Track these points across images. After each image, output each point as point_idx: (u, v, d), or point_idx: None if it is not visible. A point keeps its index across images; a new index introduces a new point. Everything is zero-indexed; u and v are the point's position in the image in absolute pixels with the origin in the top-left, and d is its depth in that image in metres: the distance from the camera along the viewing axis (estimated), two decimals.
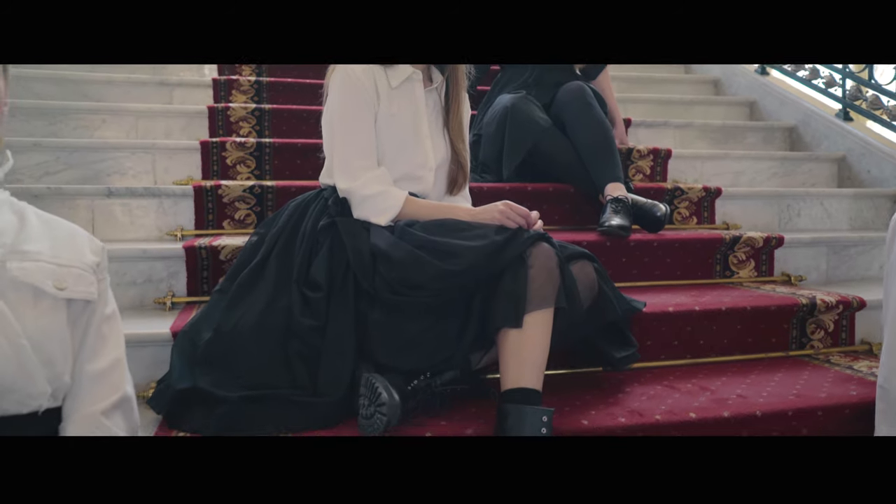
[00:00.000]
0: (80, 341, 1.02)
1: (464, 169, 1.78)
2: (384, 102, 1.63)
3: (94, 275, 1.05)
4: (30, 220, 1.04)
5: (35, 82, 2.79)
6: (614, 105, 2.82)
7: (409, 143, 1.66)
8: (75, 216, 2.08)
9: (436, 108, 1.75)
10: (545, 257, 1.45)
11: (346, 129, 1.60)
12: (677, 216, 2.54)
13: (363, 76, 1.61)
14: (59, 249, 1.02)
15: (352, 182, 1.57)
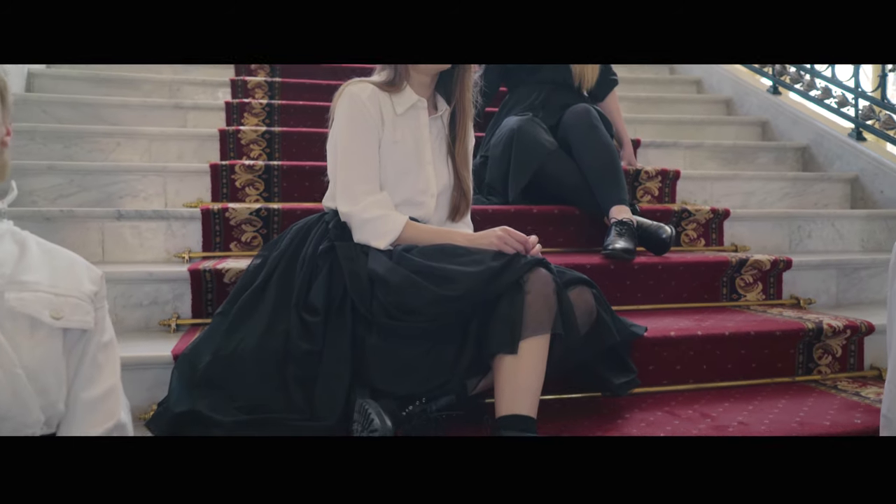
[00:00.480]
0: (75, 369, 1.04)
1: (466, 197, 1.79)
2: (388, 129, 1.66)
3: (91, 304, 1.07)
4: (30, 249, 1.06)
5: (53, 106, 2.86)
6: (622, 126, 2.82)
7: (411, 169, 1.68)
8: (86, 238, 2.13)
9: (439, 135, 1.77)
10: (542, 283, 1.45)
11: (350, 153, 1.62)
12: (685, 238, 2.53)
13: (368, 102, 1.64)
14: (58, 279, 1.04)
15: (353, 206, 1.59)
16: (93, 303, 1.08)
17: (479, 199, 2.45)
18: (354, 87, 1.66)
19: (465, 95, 1.77)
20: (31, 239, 1.08)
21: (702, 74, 4.05)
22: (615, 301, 2.11)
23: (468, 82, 1.78)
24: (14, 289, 0.99)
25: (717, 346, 1.86)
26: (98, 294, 1.10)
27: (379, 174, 1.64)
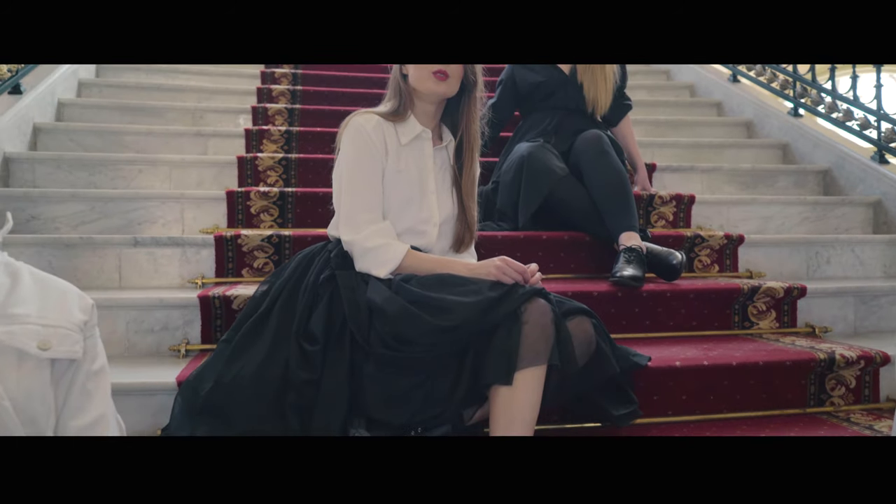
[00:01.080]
0: (64, 398, 1.07)
1: (470, 228, 1.80)
2: (392, 158, 1.68)
3: (80, 333, 1.10)
4: (23, 280, 1.09)
5: (80, 134, 2.95)
6: (636, 151, 2.82)
7: (414, 199, 1.70)
8: (104, 264, 2.18)
9: (444, 165, 1.79)
10: (539, 313, 1.46)
11: (354, 183, 1.65)
12: (698, 264, 2.51)
13: (373, 133, 1.67)
14: (48, 309, 1.08)
15: (355, 234, 1.61)
16: (82, 331, 1.10)
17: (490, 225, 2.46)
18: (359, 117, 1.69)
19: (472, 126, 1.79)
20: (25, 269, 1.11)
21: (722, 97, 4.03)
22: (623, 329, 2.11)
23: (474, 113, 1.80)
24: (3, 322, 1.02)
25: (725, 377, 1.83)
26: (88, 323, 1.12)
27: (382, 203, 1.67)
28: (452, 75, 1.71)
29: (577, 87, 2.62)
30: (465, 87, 1.76)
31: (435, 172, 1.76)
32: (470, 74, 1.75)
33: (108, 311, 1.92)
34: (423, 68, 1.69)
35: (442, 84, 1.70)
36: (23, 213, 2.39)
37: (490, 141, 2.77)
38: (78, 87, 3.39)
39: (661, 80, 4.49)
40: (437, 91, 1.71)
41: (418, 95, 1.74)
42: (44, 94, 3.01)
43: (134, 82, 3.56)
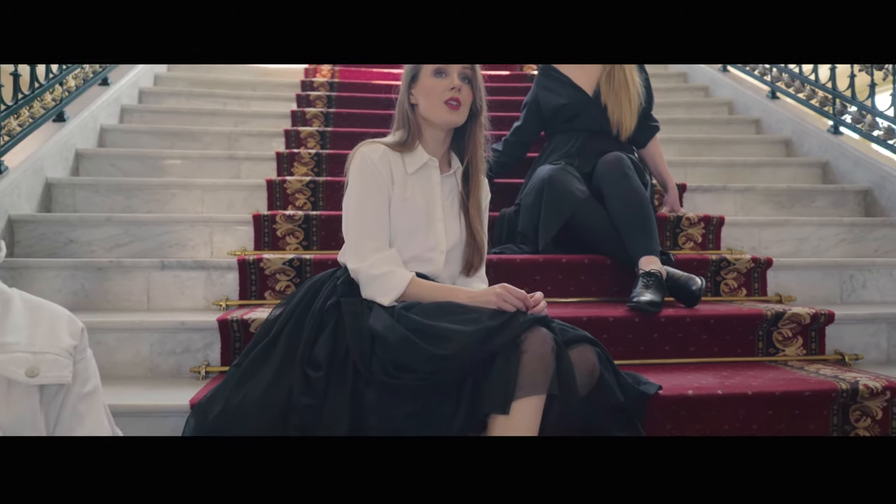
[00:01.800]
0: (55, 420, 1.11)
1: (480, 251, 1.82)
2: (398, 187, 1.71)
3: (69, 357, 1.14)
4: (15, 308, 1.13)
5: (120, 160, 3.07)
6: (666, 171, 2.79)
7: (420, 227, 1.72)
8: (133, 287, 2.26)
9: (452, 192, 1.81)
10: (539, 343, 1.46)
11: (360, 212, 1.68)
12: (725, 288, 2.46)
13: (379, 163, 1.70)
14: (37, 336, 1.12)
15: (361, 262, 1.64)
16: (72, 356, 1.15)
17: (511, 248, 2.47)
18: (365, 147, 1.73)
19: (477, 151, 1.81)
20: (18, 297, 1.16)
21: (760, 114, 3.95)
22: (641, 355, 2.08)
23: (480, 138, 1.82)
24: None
25: (741, 406, 1.79)
26: (78, 347, 1.17)
27: (389, 232, 1.69)
28: (464, 102, 1.73)
29: (600, 109, 2.61)
30: (472, 114, 1.78)
31: (443, 200, 1.78)
32: (477, 101, 1.77)
33: (132, 333, 1.99)
34: (436, 98, 1.72)
35: (455, 113, 1.72)
36: (61, 236, 2.50)
37: (515, 162, 2.79)
38: (120, 114, 3.53)
39: (699, 97, 4.43)
40: (450, 120, 1.73)
41: (429, 124, 1.76)
42: (86, 121, 3.14)
43: (174, 107, 3.70)
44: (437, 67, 1.73)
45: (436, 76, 1.73)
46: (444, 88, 1.71)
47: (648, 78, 2.75)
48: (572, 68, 2.70)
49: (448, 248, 1.76)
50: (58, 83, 2.98)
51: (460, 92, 1.72)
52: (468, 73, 1.75)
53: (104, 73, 3.47)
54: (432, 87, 1.73)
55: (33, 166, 2.67)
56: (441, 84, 1.72)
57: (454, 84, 1.71)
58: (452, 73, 1.73)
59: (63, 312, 1.20)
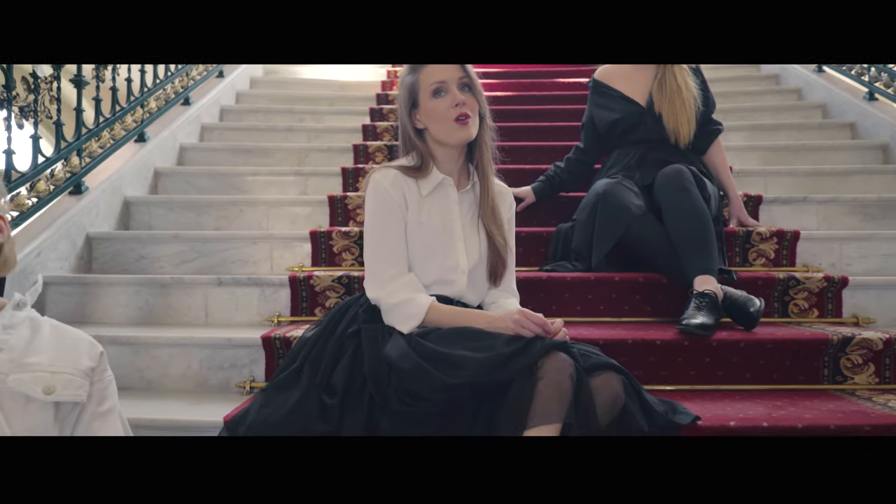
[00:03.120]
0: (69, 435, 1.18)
1: (502, 256, 1.75)
2: (413, 211, 1.69)
3: (86, 378, 1.22)
4: (42, 332, 1.23)
5: (195, 177, 3.22)
6: (728, 180, 2.64)
7: (438, 249, 1.70)
8: (192, 303, 2.36)
9: (472, 206, 1.77)
10: (556, 370, 1.41)
11: (376, 239, 1.68)
12: (794, 308, 2.30)
13: (391, 189, 1.68)
14: (58, 357, 1.21)
15: (380, 291, 1.63)
16: (89, 377, 1.23)
17: (564, 265, 2.41)
18: (377, 174, 1.71)
19: (484, 155, 1.76)
20: (47, 323, 1.26)
21: (856, 118, 3.68)
22: (692, 380, 1.98)
23: (485, 141, 1.76)
24: (17, 371, 1.16)
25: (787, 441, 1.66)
26: (96, 369, 1.24)
27: (406, 257, 1.68)
28: (472, 112, 1.68)
29: (655, 118, 2.51)
30: (481, 118, 1.74)
31: (462, 217, 1.74)
32: (481, 106, 1.72)
33: (183, 348, 2.07)
34: (443, 118, 1.67)
35: (467, 128, 1.68)
36: (133, 252, 2.64)
37: (576, 180, 2.72)
38: (201, 132, 3.71)
39: (790, 100, 4.18)
40: (464, 136, 1.69)
41: (441, 145, 1.73)
42: (165, 140, 3.31)
43: (252, 125, 3.84)
44: (434, 87, 1.68)
45: (435, 97, 1.68)
46: (448, 107, 1.67)
47: (706, 80, 2.62)
48: (622, 81, 2.62)
49: (471, 267, 1.72)
50: (139, 105, 3.16)
51: (465, 105, 1.67)
52: (465, 80, 1.69)
53: (185, 93, 3.65)
54: (436, 109, 1.68)
55: (112, 186, 2.84)
56: (444, 103, 1.67)
57: (457, 100, 1.66)
58: (451, 87, 1.67)
59: (84, 337, 1.29)
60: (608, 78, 2.67)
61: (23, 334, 1.21)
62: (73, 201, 2.65)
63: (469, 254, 1.72)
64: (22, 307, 1.25)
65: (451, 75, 1.68)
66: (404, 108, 1.75)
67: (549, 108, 3.83)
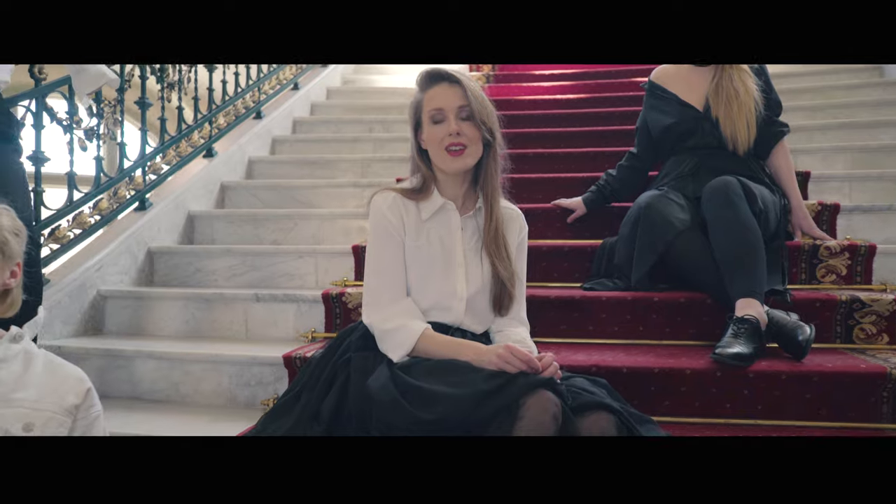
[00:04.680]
0: None
1: (507, 286, 1.67)
2: (410, 235, 1.65)
3: (69, 416, 1.25)
4: (34, 367, 1.26)
5: (260, 190, 3.32)
6: (791, 187, 2.41)
7: (435, 274, 1.64)
8: (234, 317, 2.43)
9: (476, 232, 1.70)
10: (539, 409, 1.34)
11: (373, 264, 1.65)
12: (860, 333, 2.08)
13: (388, 212, 1.65)
14: (44, 395, 1.24)
15: (375, 316, 1.61)
16: (72, 414, 1.26)
17: (604, 283, 2.29)
18: (377, 196, 1.68)
19: (489, 181, 1.68)
20: (41, 357, 1.28)
21: None
22: (728, 413, 1.84)
23: (493, 169, 1.68)
24: (2, 405, 1.20)
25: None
26: (81, 406, 1.27)
27: (405, 281, 1.64)
28: (469, 143, 1.61)
29: (713, 123, 2.34)
30: (487, 145, 1.66)
31: (464, 242, 1.68)
32: (486, 134, 1.64)
33: (214, 365, 2.13)
34: (437, 145, 1.62)
35: (458, 159, 1.61)
36: (190, 266, 2.76)
37: (629, 189, 2.58)
38: (272, 144, 3.82)
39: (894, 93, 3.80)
40: (455, 167, 1.62)
41: (442, 169, 1.68)
42: (233, 154, 3.43)
43: (321, 136, 3.92)
44: (433, 113, 1.62)
45: (433, 123, 1.62)
46: (443, 135, 1.60)
47: (770, 80, 2.41)
48: (679, 83, 2.46)
49: (471, 294, 1.65)
50: (206, 122, 3.29)
51: (461, 135, 1.59)
52: (467, 108, 1.60)
53: (256, 107, 3.78)
54: (432, 135, 1.62)
55: (175, 201, 2.97)
56: (440, 131, 1.61)
57: (451, 129, 1.59)
58: (449, 115, 1.60)
59: (74, 374, 1.31)
60: (664, 80, 2.52)
61: (14, 369, 1.24)
62: (136, 217, 2.80)
63: (469, 281, 1.66)
64: (18, 340, 1.27)
65: (449, 104, 1.62)
66: (411, 127, 1.71)
67: (619, 110, 3.67)
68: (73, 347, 2.22)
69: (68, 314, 2.39)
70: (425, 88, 1.67)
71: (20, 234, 1.29)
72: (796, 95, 3.84)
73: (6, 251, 1.26)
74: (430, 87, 1.65)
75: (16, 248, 1.28)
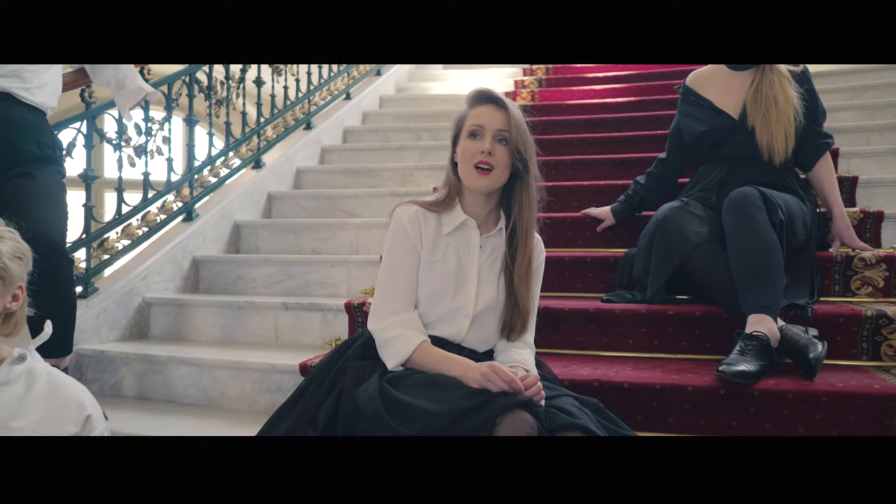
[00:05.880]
0: None
1: (523, 314, 1.69)
2: (427, 249, 1.68)
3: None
4: (35, 389, 1.33)
5: (303, 199, 3.44)
6: (833, 196, 2.33)
7: (448, 289, 1.67)
8: (264, 324, 2.54)
9: (494, 252, 1.72)
10: (514, 430, 1.36)
11: (385, 275, 1.70)
12: (887, 350, 1.98)
13: (408, 226, 1.69)
14: (43, 422, 1.30)
15: (377, 325, 1.66)
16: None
17: (622, 295, 2.27)
18: (399, 209, 1.73)
19: (523, 212, 1.69)
20: (44, 377, 1.35)
21: None
22: (735, 430, 1.80)
23: (526, 199, 1.68)
24: (2, 433, 1.27)
25: None
26: (81, 433, 1.33)
27: (413, 294, 1.68)
28: (497, 165, 1.63)
29: (747, 132, 2.27)
30: (517, 174, 1.68)
31: (481, 261, 1.71)
32: (517, 162, 1.66)
33: (238, 371, 2.24)
34: (467, 160, 1.64)
35: (484, 178, 1.63)
36: (231, 273, 2.89)
37: (658, 197, 2.55)
38: (321, 154, 3.94)
39: None
40: (479, 185, 1.64)
41: (465, 185, 1.71)
42: (280, 164, 3.57)
43: (368, 145, 4.01)
44: (474, 128, 1.65)
45: (471, 138, 1.65)
46: (476, 151, 1.63)
47: (814, 88, 2.32)
48: (715, 88, 2.40)
49: (477, 312, 1.68)
50: (255, 135, 3.43)
51: (492, 155, 1.62)
52: (504, 133, 1.63)
53: (306, 118, 3.90)
54: (466, 149, 1.65)
55: (221, 211, 3.12)
56: (474, 146, 1.63)
57: (484, 147, 1.62)
58: (487, 134, 1.63)
59: (73, 399, 1.36)
60: (699, 85, 2.46)
61: (16, 391, 1.32)
62: (183, 227, 2.96)
63: (479, 299, 1.68)
64: (21, 361, 1.35)
65: (490, 123, 1.65)
66: (451, 138, 1.75)
67: (666, 113, 3.59)
68: (116, 352, 2.38)
69: (114, 320, 2.56)
70: (473, 106, 1.70)
71: (23, 258, 1.35)
72: (856, 94, 3.66)
73: (6, 277, 1.31)
74: (477, 105, 1.68)
75: (16, 273, 1.33)
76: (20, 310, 1.38)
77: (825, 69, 3.99)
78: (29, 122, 2.07)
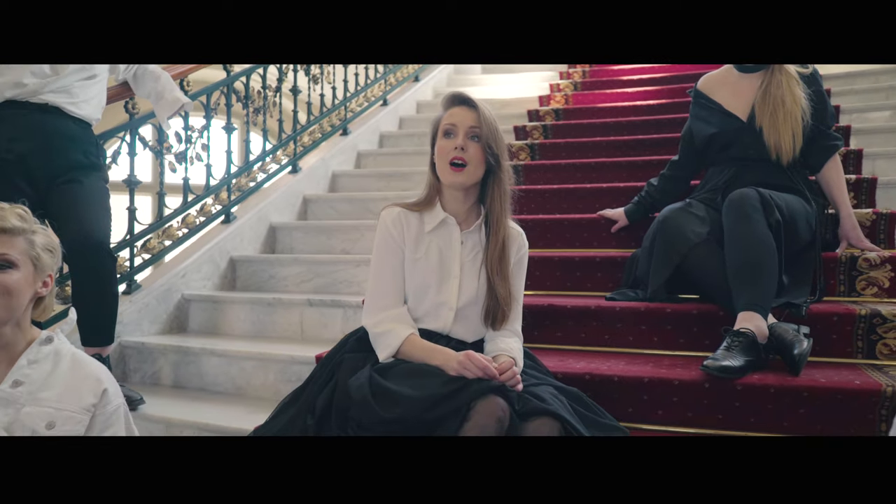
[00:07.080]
0: None
1: (501, 303, 1.79)
2: (410, 248, 1.81)
3: (87, 413, 1.47)
4: (60, 367, 1.49)
5: (337, 202, 3.61)
6: (840, 197, 2.35)
7: (431, 285, 1.80)
8: (290, 320, 2.71)
9: (475, 247, 1.83)
10: (486, 413, 1.47)
11: (373, 274, 1.84)
12: (883, 349, 2.01)
13: (391, 226, 1.82)
14: (65, 395, 1.46)
15: (369, 320, 1.79)
16: (89, 411, 1.48)
17: (625, 294, 2.35)
18: (384, 211, 1.86)
19: (495, 205, 1.79)
20: (68, 356, 1.52)
21: None
22: (718, 424, 1.87)
23: (498, 192, 1.79)
24: (31, 403, 1.44)
25: None
26: (98, 404, 1.49)
27: (401, 290, 1.81)
28: (470, 161, 1.74)
29: (755, 134, 2.32)
30: (491, 169, 1.79)
31: (463, 256, 1.82)
32: (489, 157, 1.77)
33: (262, 362, 2.41)
34: (443, 158, 1.77)
35: (458, 174, 1.75)
36: (265, 272, 3.08)
37: (669, 198, 2.61)
38: (357, 158, 4.11)
39: None
40: (454, 181, 1.77)
41: (443, 183, 1.82)
42: (316, 169, 3.75)
43: (402, 150, 4.16)
44: (447, 127, 1.77)
45: (445, 137, 1.76)
46: (450, 148, 1.74)
47: (822, 89, 2.35)
48: (725, 91, 2.45)
49: (461, 305, 1.79)
50: (291, 141, 3.62)
51: (465, 151, 1.73)
52: (476, 130, 1.74)
53: (343, 124, 4.08)
54: (442, 148, 1.77)
55: (258, 214, 3.31)
56: (449, 144, 1.75)
57: (457, 143, 1.73)
58: (459, 132, 1.74)
59: (93, 375, 1.52)
60: (710, 88, 2.52)
61: (44, 368, 1.48)
62: (221, 229, 3.16)
63: (462, 292, 1.79)
64: (48, 343, 1.52)
65: (462, 122, 1.77)
66: (430, 141, 1.86)
67: None
68: (154, 344, 2.58)
69: (155, 315, 2.77)
70: (447, 108, 1.82)
71: (54, 251, 1.53)
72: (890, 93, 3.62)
73: (38, 265, 1.49)
74: (451, 107, 1.81)
75: (48, 262, 1.51)
76: (49, 296, 1.56)
77: (853, 69, 3.94)
78: (76, 133, 2.29)
